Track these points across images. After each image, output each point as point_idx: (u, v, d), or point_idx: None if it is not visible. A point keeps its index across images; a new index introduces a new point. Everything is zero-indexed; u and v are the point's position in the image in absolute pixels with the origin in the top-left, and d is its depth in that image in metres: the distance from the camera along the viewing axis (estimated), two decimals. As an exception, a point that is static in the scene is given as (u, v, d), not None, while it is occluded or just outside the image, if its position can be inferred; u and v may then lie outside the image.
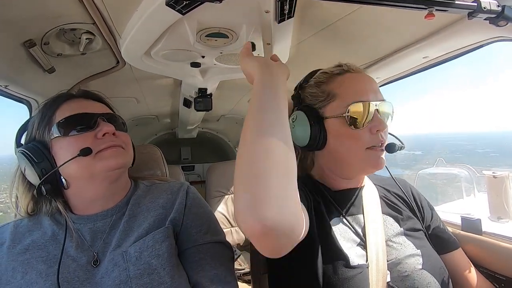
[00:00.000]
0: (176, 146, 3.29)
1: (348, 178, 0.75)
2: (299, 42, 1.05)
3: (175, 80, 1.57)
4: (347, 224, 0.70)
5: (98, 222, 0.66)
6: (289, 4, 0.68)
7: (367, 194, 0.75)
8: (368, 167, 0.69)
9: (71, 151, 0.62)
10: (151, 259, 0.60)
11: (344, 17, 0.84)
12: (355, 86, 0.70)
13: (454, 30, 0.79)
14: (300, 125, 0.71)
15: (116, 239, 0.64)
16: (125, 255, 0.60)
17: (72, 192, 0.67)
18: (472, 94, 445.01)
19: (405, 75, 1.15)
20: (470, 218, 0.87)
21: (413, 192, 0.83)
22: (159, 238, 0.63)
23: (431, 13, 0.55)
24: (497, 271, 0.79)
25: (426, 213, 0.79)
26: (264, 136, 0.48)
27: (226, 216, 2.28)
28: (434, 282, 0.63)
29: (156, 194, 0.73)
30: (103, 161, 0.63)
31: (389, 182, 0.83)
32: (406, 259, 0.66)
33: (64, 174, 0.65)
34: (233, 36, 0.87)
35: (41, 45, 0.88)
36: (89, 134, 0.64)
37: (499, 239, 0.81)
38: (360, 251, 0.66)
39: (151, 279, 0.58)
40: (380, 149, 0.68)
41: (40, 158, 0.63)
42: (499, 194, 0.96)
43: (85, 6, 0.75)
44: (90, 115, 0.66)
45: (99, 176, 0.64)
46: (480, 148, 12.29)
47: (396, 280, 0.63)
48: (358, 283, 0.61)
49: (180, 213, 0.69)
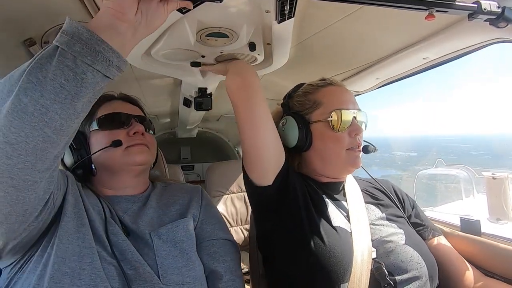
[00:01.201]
0: (175, 146, 3.29)
1: (332, 177, 0.86)
2: (299, 42, 1.05)
3: (175, 80, 1.57)
4: (334, 206, 0.80)
5: (122, 203, 0.73)
6: (289, 4, 0.68)
7: (349, 186, 0.86)
8: (348, 166, 0.82)
9: (104, 142, 0.72)
10: (182, 242, 0.69)
11: (344, 17, 0.84)
12: (337, 96, 0.84)
13: (454, 31, 0.79)
14: (289, 128, 0.83)
15: (140, 221, 0.70)
16: (153, 235, 0.68)
17: (98, 179, 0.76)
18: (469, 97, 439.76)
19: (405, 76, 1.15)
20: (469, 219, 0.88)
21: (394, 188, 0.93)
22: (186, 225, 0.73)
23: (431, 14, 0.55)
24: (496, 272, 0.79)
25: (406, 205, 0.89)
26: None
27: (226, 216, 2.28)
28: (417, 256, 0.70)
29: (173, 192, 0.82)
30: (130, 156, 0.73)
31: (372, 181, 0.95)
32: (390, 237, 0.74)
33: (95, 162, 0.74)
34: (233, 36, 0.87)
35: (41, 43, 0.88)
36: (122, 131, 0.75)
37: (498, 240, 0.81)
38: (344, 221, 0.76)
39: (183, 259, 0.67)
40: (358, 150, 0.81)
41: (79, 145, 0.73)
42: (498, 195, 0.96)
43: (85, 5, 0.75)
44: (125, 115, 0.78)
45: (125, 168, 0.74)
46: (474, 151, 12.33)
47: (382, 256, 0.70)
48: (345, 241, 0.70)
49: (197, 210, 0.79)
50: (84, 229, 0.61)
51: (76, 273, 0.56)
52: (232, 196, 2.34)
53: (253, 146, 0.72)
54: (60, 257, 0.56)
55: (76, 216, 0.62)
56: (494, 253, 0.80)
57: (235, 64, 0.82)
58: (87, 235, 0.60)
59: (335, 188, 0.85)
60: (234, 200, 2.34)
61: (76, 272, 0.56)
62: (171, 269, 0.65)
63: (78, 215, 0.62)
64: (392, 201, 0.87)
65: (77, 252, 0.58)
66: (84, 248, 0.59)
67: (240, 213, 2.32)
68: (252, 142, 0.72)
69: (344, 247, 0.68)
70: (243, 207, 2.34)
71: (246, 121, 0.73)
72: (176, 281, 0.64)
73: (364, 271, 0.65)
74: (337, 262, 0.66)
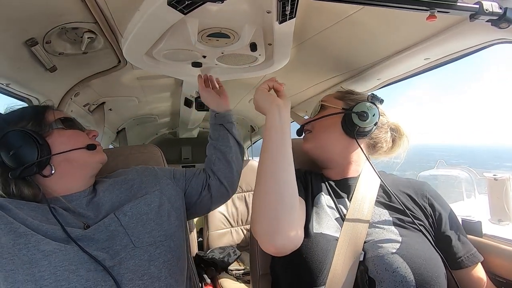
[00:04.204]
0: (176, 146, 3.30)
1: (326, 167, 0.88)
2: (300, 43, 1.05)
3: (176, 80, 1.58)
4: (330, 201, 0.78)
5: (78, 199, 0.73)
6: (290, 5, 0.67)
7: (362, 184, 0.81)
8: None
9: (71, 141, 0.74)
10: (147, 214, 0.74)
11: (346, 18, 0.84)
12: None
13: (455, 32, 0.79)
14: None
15: (101, 209, 0.73)
16: (118, 214, 0.71)
17: (51, 180, 0.72)
18: (450, 107, 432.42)
19: (406, 77, 1.15)
20: (471, 220, 0.87)
21: (429, 194, 0.81)
22: (147, 202, 0.77)
23: (433, 14, 0.54)
24: (497, 274, 0.79)
25: (436, 215, 0.77)
26: (277, 183, 0.65)
27: (226, 216, 2.28)
28: (405, 267, 0.62)
29: (118, 178, 0.85)
30: (96, 155, 0.78)
31: (407, 182, 0.84)
32: (383, 243, 0.68)
33: (55, 161, 0.72)
34: (234, 36, 0.87)
35: (43, 44, 0.88)
36: (83, 133, 0.80)
37: (499, 242, 0.81)
38: (334, 223, 0.73)
39: (151, 224, 0.73)
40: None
41: (42, 140, 0.70)
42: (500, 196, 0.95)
43: (87, 5, 0.76)
44: (75, 119, 0.82)
45: (89, 167, 0.77)
46: (454, 159, 12.46)
47: (369, 260, 0.66)
48: (320, 250, 0.68)
49: (157, 184, 0.85)
50: (23, 239, 0.58)
51: (37, 276, 0.56)
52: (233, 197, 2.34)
53: (279, 206, 0.64)
54: (10, 270, 0.55)
55: (6, 231, 0.58)
56: (496, 254, 0.79)
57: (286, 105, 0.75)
58: (30, 242, 0.58)
59: (344, 186, 0.82)
60: (235, 200, 2.34)
61: (38, 276, 0.56)
62: (142, 234, 0.70)
63: (9, 229, 0.59)
64: (417, 209, 0.77)
65: (27, 261, 0.57)
66: (33, 254, 0.57)
67: (240, 213, 2.32)
68: (279, 198, 0.64)
69: (318, 254, 0.67)
70: (244, 207, 2.34)
71: (277, 163, 0.67)
72: (148, 242, 0.69)
73: (347, 274, 0.64)
74: (309, 267, 0.66)
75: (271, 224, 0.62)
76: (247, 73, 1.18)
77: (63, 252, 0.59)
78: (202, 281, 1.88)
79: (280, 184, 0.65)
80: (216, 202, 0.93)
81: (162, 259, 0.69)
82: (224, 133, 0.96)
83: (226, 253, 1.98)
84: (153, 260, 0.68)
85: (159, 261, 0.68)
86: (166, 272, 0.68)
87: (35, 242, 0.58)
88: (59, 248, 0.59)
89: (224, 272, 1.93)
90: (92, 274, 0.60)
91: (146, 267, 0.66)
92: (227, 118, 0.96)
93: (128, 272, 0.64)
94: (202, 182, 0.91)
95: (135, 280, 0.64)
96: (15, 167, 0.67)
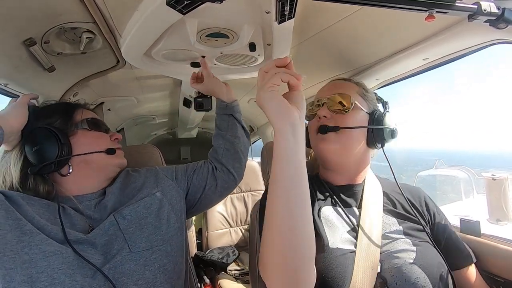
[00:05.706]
0: (175, 146, 3.30)
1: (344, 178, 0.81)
2: (299, 43, 1.05)
3: (175, 80, 1.57)
4: (339, 212, 0.75)
5: (89, 200, 0.74)
6: (289, 5, 0.68)
7: (369, 191, 0.78)
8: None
9: (94, 142, 0.76)
10: (145, 218, 0.74)
11: (344, 18, 0.84)
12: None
13: (454, 32, 0.79)
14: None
15: (105, 210, 0.73)
16: (117, 217, 0.71)
17: (68, 179, 0.73)
18: (440, 111, 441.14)
19: (404, 77, 1.15)
20: (469, 220, 0.87)
21: (426, 200, 0.82)
22: (147, 205, 0.77)
23: (431, 15, 0.55)
24: (495, 273, 0.79)
25: (436, 221, 0.78)
26: (295, 236, 0.51)
27: (225, 217, 2.28)
28: (424, 277, 0.63)
29: (129, 179, 0.85)
30: (116, 158, 0.79)
31: (404, 187, 0.84)
32: (399, 253, 0.67)
33: (74, 161, 0.73)
34: (233, 36, 0.87)
35: (41, 44, 0.88)
36: (107, 135, 0.81)
37: (498, 241, 0.81)
38: (347, 236, 0.70)
39: (148, 229, 0.72)
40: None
41: (65, 140, 0.72)
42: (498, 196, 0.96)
43: (85, 5, 0.75)
44: (103, 122, 0.84)
45: (107, 169, 0.78)
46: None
47: (386, 271, 0.64)
48: (338, 265, 0.64)
49: (159, 184, 0.85)
50: (28, 237, 0.59)
51: (34, 277, 0.56)
52: (232, 197, 2.34)
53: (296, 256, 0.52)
54: (9, 268, 0.56)
55: (14, 227, 0.59)
56: (494, 254, 0.80)
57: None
58: (34, 241, 0.59)
59: (349, 191, 0.79)
60: (234, 200, 2.34)
61: (35, 277, 0.56)
62: (139, 238, 0.69)
63: (16, 225, 0.59)
64: (417, 214, 0.76)
65: (27, 260, 0.57)
66: (34, 254, 0.58)
67: (239, 213, 2.32)
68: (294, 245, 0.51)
69: (337, 269, 0.64)
70: (243, 208, 2.34)
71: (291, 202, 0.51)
72: (145, 247, 0.69)
73: (366, 286, 0.62)
74: (330, 285, 0.62)
75: (288, 277, 0.52)
76: (246, 73, 1.18)
77: (63, 255, 0.59)
78: (201, 282, 1.88)
79: (298, 236, 0.51)
80: (221, 194, 0.92)
81: (158, 264, 0.69)
82: (233, 123, 0.95)
83: (225, 253, 1.98)
84: (149, 265, 0.67)
85: (155, 266, 0.68)
86: (162, 277, 0.68)
87: (38, 241, 0.59)
88: (59, 250, 0.59)
89: (223, 272, 1.93)
90: (88, 281, 0.60)
91: (141, 272, 0.66)
92: (236, 108, 0.97)
93: (122, 276, 0.64)
94: (206, 176, 0.89)
95: (129, 284, 0.63)
96: (36, 163, 0.69)
